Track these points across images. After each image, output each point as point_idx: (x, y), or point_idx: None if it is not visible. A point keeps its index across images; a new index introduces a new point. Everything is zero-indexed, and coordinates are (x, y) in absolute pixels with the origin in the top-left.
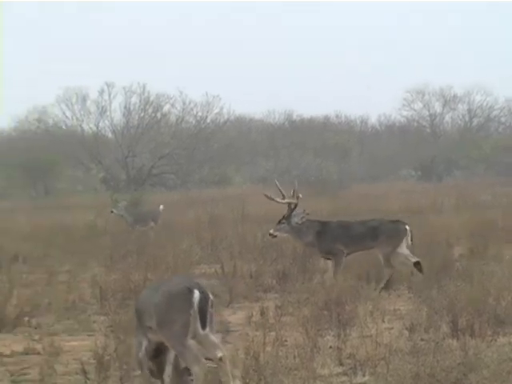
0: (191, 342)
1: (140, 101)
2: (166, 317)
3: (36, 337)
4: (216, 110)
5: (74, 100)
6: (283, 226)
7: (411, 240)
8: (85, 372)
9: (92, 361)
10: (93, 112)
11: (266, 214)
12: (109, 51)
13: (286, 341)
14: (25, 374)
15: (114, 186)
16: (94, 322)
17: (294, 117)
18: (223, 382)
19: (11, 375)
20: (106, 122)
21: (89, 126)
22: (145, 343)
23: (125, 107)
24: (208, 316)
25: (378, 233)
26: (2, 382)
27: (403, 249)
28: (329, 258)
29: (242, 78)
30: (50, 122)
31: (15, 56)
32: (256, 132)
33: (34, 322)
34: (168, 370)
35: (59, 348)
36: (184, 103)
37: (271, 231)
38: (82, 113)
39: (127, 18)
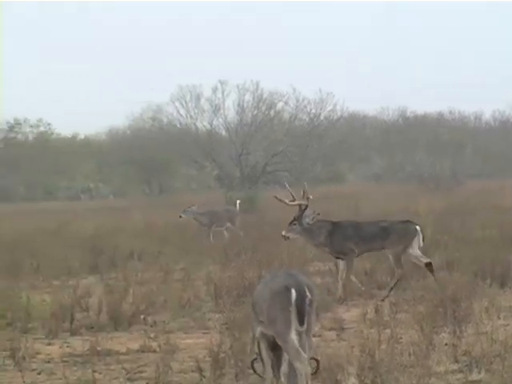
0: (294, 338)
1: (253, 98)
2: (271, 313)
3: (152, 335)
4: (329, 107)
5: (187, 98)
6: (295, 227)
7: (423, 240)
8: (200, 370)
9: (207, 358)
10: (206, 110)
11: (381, 211)
12: (222, 50)
13: (401, 338)
14: (140, 372)
15: (228, 184)
16: (209, 319)
17: (408, 113)
18: None
19: (127, 373)
20: (220, 119)
21: (202, 124)
22: (261, 333)
23: (238, 105)
24: (306, 314)
25: (388, 233)
26: (117, 379)
27: (415, 249)
28: (341, 258)
29: (355, 75)
30: (165, 120)
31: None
32: (370, 129)
33: (149, 319)
34: (284, 367)
35: (175, 346)
36: (297, 100)
37: (283, 233)
38: (196, 111)
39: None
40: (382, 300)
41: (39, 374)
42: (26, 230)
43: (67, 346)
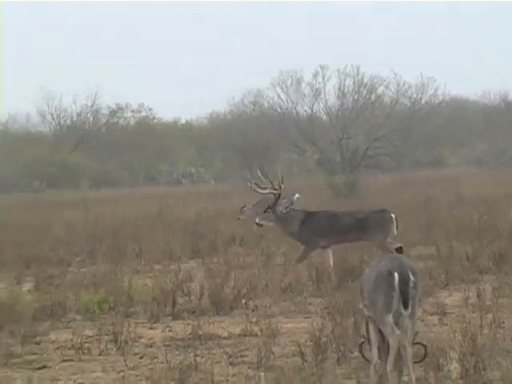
0: (390, 319)
1: (354, 83)
2: (373, 296)
3: (253, 319)
4: (430, 92)
5: (288, 83)
6: (268, 214)
7: (396, 228)
8: (302, 354)
9: (309, 343)
10: (307, 94)
11: (482, 195)
12: (322, 36)
13: (503, 323)
14: (242, 356)
15: (329, 169)
16: (310, 303)
17: (510, 97)
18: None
19: (229, 357)
20: (321, 104)
21: (303, 109)
22: (368, 316)
23: (339, 89)
24: (410, 297)
25: (366, 225)
26: (219, 363)
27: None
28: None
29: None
30: (266, 104)
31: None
32: (471, 113)
33: (250, 304)
34: (390, 357)
35: (276, 330)
36: (398, 85)
37: (257, 220)
38: (297, 95)
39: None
40: None
41: (141, 358)
42: (129, 214)
43: (169, 331)
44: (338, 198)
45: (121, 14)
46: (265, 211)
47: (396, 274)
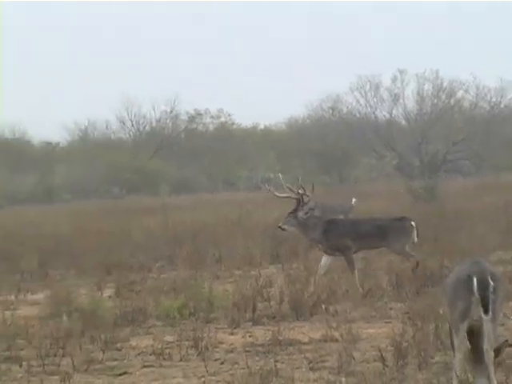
0: (464, 328)
1: (433, 87)
2: (452, 302)
3: (333, 324)
4: (510, 95)
5: (367, 88)
6: (290, 219)
7: (417, 236)
8: (383, 359)
9: (389, 348)
10: (386, 99)
11: None
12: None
13: None
14: (323, 362)
15: (408, 173)
16: (391, 308)
17: None
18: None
19: (309, 362)
20: (399, 109)
21: (382, 113)
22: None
23: (418, 94)
24: (490, 302)
25: (386, 232)
26: (300, 369)
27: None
28: (335, 255)
29: None
30: (344, 109)
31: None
32: None
33: (330, 309)
34: (455, 367)
35: (357, 335)
36: (477, 88)
37: (280, 224)
38: (375, 100)
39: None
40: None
41: (222, 363)
42: (208, 220)
43: (249, 336)
44: (417, 203)
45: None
46: (287, 216)
47: (475, 279)
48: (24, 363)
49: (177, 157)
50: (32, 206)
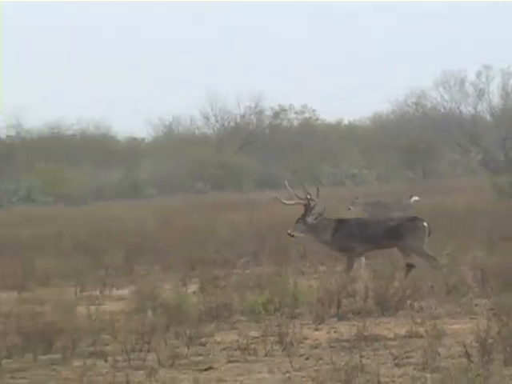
0: None
1: None
2: None
3: (418, 320)
4: None
5: (451, 83)
6: (299, 225)
7: (428, 235)
8: (468, 355)
9: (475, 344)
10: (471, 94)
11: None
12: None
13: None
14: (408, 357)
15: (493, 168)
16: (476, 305)
17: None
18: None
19: (394, 358)
20: (484, 104)
21: (467, 109)
22: None
23: (502, 89)
24: None
25: (400, 232)
26: (385, 364)
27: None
28: (341, 254)
29: None
30: (428, 105)
31: None
32: None
33: (416, 305)
34: None
35: (442, 331)
36: None
37: (289, 231)
38: (460, 95)
39: None
40: None
41: (307, 359)
42: (292, 215)
43: (334, 332)
44: (502, 199)
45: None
46: (297, 222)
47: None
48: (109, 358)
49: (261, 152)
50: (117, 201)
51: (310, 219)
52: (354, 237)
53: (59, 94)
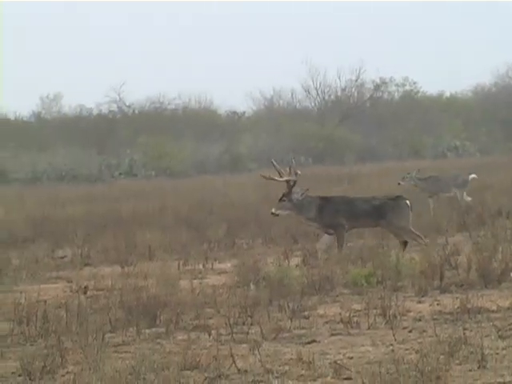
0: None
1: None
2: None
3: None
4: None
5: None
6: (284, 203)
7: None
8: None
9: None
10: None
11: None
12: None
13: None
14: (511, 330)
15: None
16: None
17: None
18: None
19: (498, 330)
20: None
21: None
22: None
23: None
24: None
25: (383, 211)
26: (488, 337)
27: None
28: (330, 233)
29: None
30: None
31: None
32: None
33: None
34: None
35: None
36: None
37: (273, 210)
38: None
39: None
40: None
41: (410, 331)
42: (393, 187)
43: (437, 304)
44: None
45: None
46: (280, 200)
47: None
48: (213, 332)
49: (362, 125)
50: (218, 175)
51: (295, 196)
52: (340, 213)
53: (161, 68)
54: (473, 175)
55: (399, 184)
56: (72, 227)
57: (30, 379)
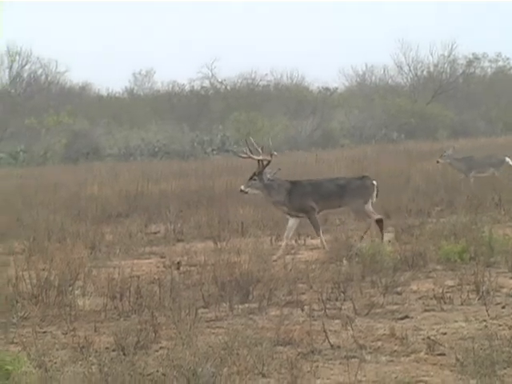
0: None
1: None
2: None
3: None
4: None
5: None
6: (254, 182)
7: (376, 196)
8: None
9: None
10: None
11: None
12: None
13: None
14: None
15: None
16: None
17: None
18: None
19: None
20: None
21: None
22: None
23: None
24: None
25: (345, 190)
26: None
27: (368, 205)
28: (299, 216)
29: None
30: None
31: None
32: None
33: None
34: None
35: None
36: None
37: (242, 187)
38: None
39: None
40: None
41: (503, 307)
42: None
43: None
44: None
45: None
46: (250, 179)
47: None
48: (306, 307)
49: (454, 101)
50: (310, 151)
51: (266, 176)
52: (308, 196)
53: (253, 43)
54: (508, 159)
55: (437, 162)
56: (165, 203)
57: (123, 354)
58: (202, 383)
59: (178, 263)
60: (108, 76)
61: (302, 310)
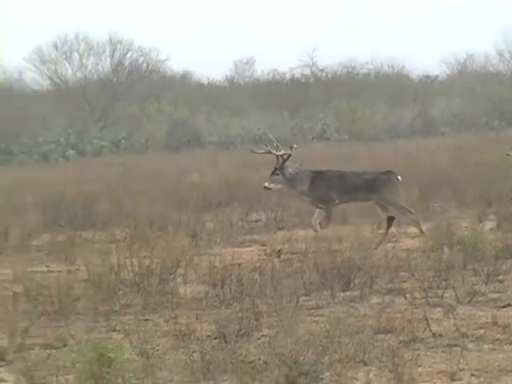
0: None
1: None
2: None
3: None
4: None
5: None
6: (277, 177)
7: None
8: None
9: None
10: None
11: None
12: None
13: None
14: None
15: None
16: None
17: None
18: None
19: None
20: None
21: None
22: None
23: None
24: None
25: (376, 185)
26: None
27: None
28: (320, 207)
29: None
30: None
31: None
32: None
33: None
34: None
35: None
36: None
37: (266, 184)
38: None
39: None
40: None
41: None
42: None
43: None
44: None
45: None
46: (272, 174)
47: None
48: (407, 295)
49: None
50: (411, 139)
51: (288, 170)
52: (332, 188)
53: (353, 31)
54: None
55: (507, 155)
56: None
57: (225, 342)
58: (304, 371)
59: (279, 251)
60: (208, 64)
61: (404, 297)
